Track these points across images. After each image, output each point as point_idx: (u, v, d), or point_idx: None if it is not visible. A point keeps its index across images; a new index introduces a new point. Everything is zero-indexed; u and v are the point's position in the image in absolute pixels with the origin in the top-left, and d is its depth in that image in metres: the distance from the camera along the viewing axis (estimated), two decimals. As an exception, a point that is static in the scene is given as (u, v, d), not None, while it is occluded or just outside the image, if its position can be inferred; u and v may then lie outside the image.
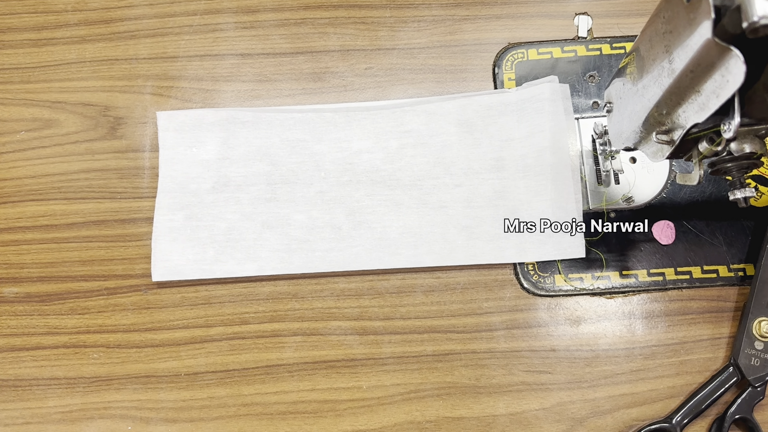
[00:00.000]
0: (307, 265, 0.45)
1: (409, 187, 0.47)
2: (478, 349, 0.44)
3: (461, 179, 0.47)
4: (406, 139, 0.48)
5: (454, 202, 0.46)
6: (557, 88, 0.47)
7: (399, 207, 0.47)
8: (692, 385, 0.43)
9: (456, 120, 0.48)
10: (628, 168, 0.47)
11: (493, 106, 0.48)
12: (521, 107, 0.47)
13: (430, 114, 0.48)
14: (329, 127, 0.48)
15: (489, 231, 0.46)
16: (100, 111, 0.49)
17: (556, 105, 0.46)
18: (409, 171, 0.47)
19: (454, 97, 0.48)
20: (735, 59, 0.26)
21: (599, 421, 0.43)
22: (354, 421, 0.43)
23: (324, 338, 0.45)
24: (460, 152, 0.47)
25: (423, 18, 0.51)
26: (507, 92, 0.48)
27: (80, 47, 0.51)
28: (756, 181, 0.46)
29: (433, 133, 0.48)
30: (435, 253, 0.45)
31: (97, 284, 0.46)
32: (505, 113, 0.48)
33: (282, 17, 0.51)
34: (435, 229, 0.46)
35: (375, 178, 0.47)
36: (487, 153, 0.47)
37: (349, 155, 0.48)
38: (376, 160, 0.47)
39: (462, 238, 0.46)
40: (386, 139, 0.48)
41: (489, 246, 0.45)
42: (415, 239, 0.46)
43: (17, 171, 0.48)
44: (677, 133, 0.33)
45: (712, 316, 0.45)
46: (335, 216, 0.46)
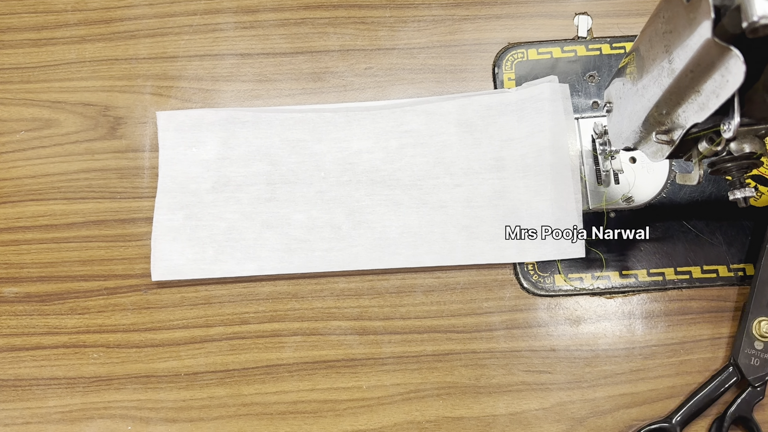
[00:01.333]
0: (306, 265, 0.45)
1: (409, 187, 0.47)
2: (478, 349, 0.44)
3: (461, 179, 0.47)
4: (405, 138, 0.48)
5: (453, 201, 0.46)
6: (557, 88, 0.47)
7: (399, 207, 0.47)
8: (692, 385, 0.43)
9: (456, 120, 0.48)
10: (628, 168, 0.47)
11: (492, 106, 0.48)
12: (521, 107, 0.47)
13: (430, 114, 0.48)
14: (329, 127, 0.48)
15: (489, 231, 0.46)
16: (99, 111, 0.49)
17: (556, 105, 0.46)
18: (408, 171, 0.47)
19: (453, 97, 0.48)
20: (735, 59, 0.26)
21: (599, 421, 0.43)
22: (354, 421, 0.43)
23: (324, 338, 0.45)
24: (460, 152, 0.47)
25: (423, 18, 0.51)
26: (507, 92, 0.48)
27: (80, 47, 0.51)
28: (756, 180, 0.46)
29: (432, 132, 0.48)
30: (435, 253, 0.45)
31: (97, 284, 0.46)
32: (505, 113, 0.47)
33: (282, 17, 0.51)
34: (435, 229, 0.46)
35: (375, 177, 0.47)
36: (487, 153, 0.47)
37: (349, 155, 0.48)
38: (376, 160, 0.47)
39: (462, 238, 0.46)
40: (386, 139, 0.48)
41: (489, 246, 0.45)
42: (415, 239, 0.46)
43: (17, 171, 0.48)
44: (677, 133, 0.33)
45: (712, 316, 0.45)
46: (335, 216, 0.46)
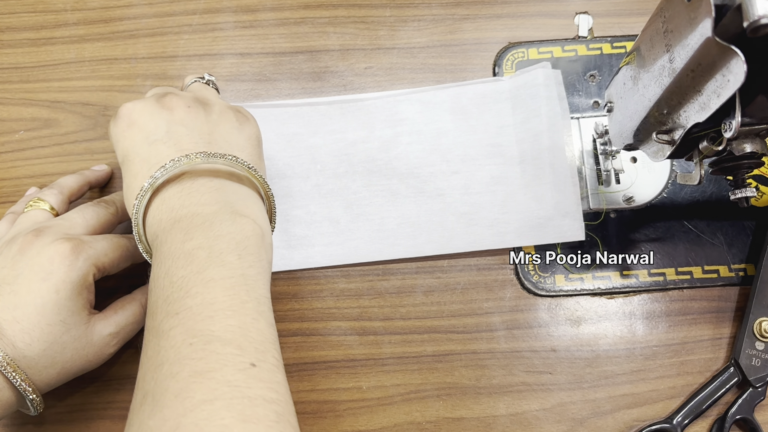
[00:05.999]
0: (307, 261, 0.45)
1: (406, 176, 0.47)
2: (478, 350, 0.44)
3: (458, 166, 0.47)
4: (401, 127, 0.47)
5: (451, 189, 0.46)
6: (550, 73, 0.47)
7: (396, 196, 0.46)
8: (693, 385, 0.43)
9: (450, 108, 0.48)
10: (629, 168, 0.46)
11: (487, 93, 0.48)
12: (515, 94, 0.47)
13: (425, 103, 0.48)
14: (324, 119, 0.48)
15: (488, 216, 0.46)
16: (99, 110, 0.49)
17: (550, 90, 0.46)
18: (405, 159, 0.47)
19: (447, 86, 0.48)
20: (736, 59, 0.26)
21: (600, 421, 0.43)
22: (354, 421, 0.43)
23: (324, 338, 0.45)
24: (456, 139, 0.47)
25: (423, 17, 0.51)
26: (501, 80, 0.48)
27: (79, 47, 0.50)
28: (757, 180, 0.46)
29: (428, 120, 0.48)
30: (434, 242, 0.45)
31: (96, 284, 0.46)
32: (500, 100, 0.47)
33: (282, 16, 0.51)
34: (433, 218, 0.46)
35: (371, 167, 0.47)
36: (483, 139, 0.47)
37: (345, 146, 0.47)
38: (372, 150, 0.47)
39: (461, 225, 0.46)
40: (381, 128, 0.48)
41: (488, 232, 0.45)
42: (413, 229, 0.46)
43: (16, 171, 0.48)
44: (678, 132, 0.33)
45: (713, 317, 0.45)
46: (333, 209, 0.46)
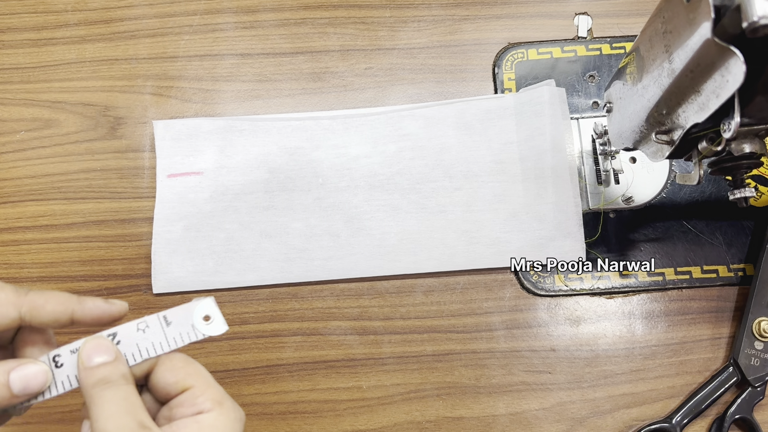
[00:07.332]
0: (306, 274, 0.45)
1: (408, 191, 0.47)
2: (478, 349, 0.44)
3: (461, 182, 0.47)
4: (404, 142, 0.47)
5: (453, 206, 0.46)
6: (555, 91, 0.47)
7: (397, 212, 0.46)
8: (692, 385, 0.43)
9: (454, 123, 0.48)
10: (628, 168, 0.47)
11: (491, 109, 0.48)
12: (520, 111, 0.47)
13: (428, 118, 0.48)
14: (327, 134, 0.48)
15: (489, 235, 0.45)
16: (100, 111, 0.49)
17: (555, 108, 0.46)
18: (407, 174, 0.47)
19: (452, 102, 0.48)
20: (735, 59, 0.26)
21: (599, 421, 0.43)
22: (354, 421, 0.43)
23: (324, 338, 0.45)
24: (459, 155, 0.47)
25: (423, 18, 0.51)
26: (505, 97, 0.48)
27: (80, 47, 0.51)
28: (756, 181, 0.46)
29: (431, 136, 0.47)
30: (435, 259, 0.45)
31: (97, 284, 0.46)
32: (504, 117, 0.47)
33: (282, 17, 0.51)
34: (434, 234, 0.46)
35: (373, 182, 0.47)
36: (486, 156, 0.47)
37: (347, 161, 0.47)
38: (374, 165, 0.47)
39: (462, 243, 0.45)
40: (384, 143, 0.47)
41: (490, 251, 0.45)
42: (414, 245, 0.46)
43: (17, 171, 0.48)
44: (677, 133, 0.33)
45: (712, 316, 0.45)
46: (333, 223, 0.46)
